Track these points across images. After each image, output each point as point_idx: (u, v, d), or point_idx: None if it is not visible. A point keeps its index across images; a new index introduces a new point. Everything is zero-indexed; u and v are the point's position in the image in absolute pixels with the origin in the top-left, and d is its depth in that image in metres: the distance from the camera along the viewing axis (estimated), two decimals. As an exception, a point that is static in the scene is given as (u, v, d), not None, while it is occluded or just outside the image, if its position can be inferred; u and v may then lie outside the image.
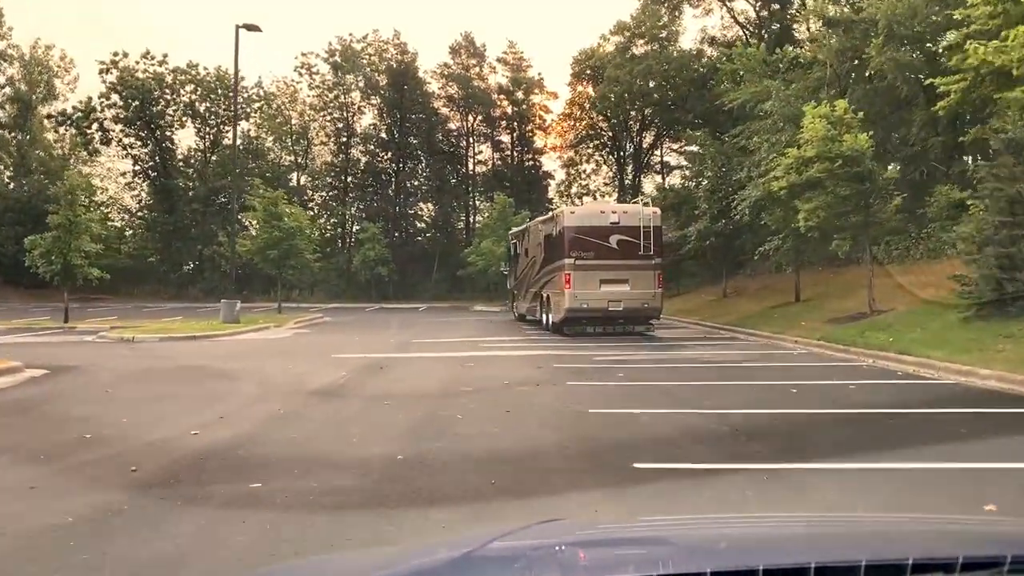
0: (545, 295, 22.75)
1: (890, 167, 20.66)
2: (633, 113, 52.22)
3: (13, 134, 53.48)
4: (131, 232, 53.83)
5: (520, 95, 54.08)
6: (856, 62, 29.40)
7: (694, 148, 36.72)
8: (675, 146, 56.95)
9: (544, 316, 23.06)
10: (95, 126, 48.79)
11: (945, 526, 2.33)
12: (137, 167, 51.39)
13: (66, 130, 50.51)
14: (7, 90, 52.89)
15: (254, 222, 33.00)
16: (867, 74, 29.10)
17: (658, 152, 56.79)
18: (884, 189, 19.07)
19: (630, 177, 55.75)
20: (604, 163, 58.22)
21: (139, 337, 21.05)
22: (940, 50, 19.86)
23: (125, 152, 51.22)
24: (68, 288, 28.48)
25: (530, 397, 10.61)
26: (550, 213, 24.65)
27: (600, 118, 55.86)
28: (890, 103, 27.85)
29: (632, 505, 5.69)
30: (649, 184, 56.96)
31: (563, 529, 2.25)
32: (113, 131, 50.07)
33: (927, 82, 19.40)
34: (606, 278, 20.28)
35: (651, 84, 43.71)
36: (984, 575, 1.52)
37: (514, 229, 32.30)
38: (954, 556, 1.54)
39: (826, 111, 19.11)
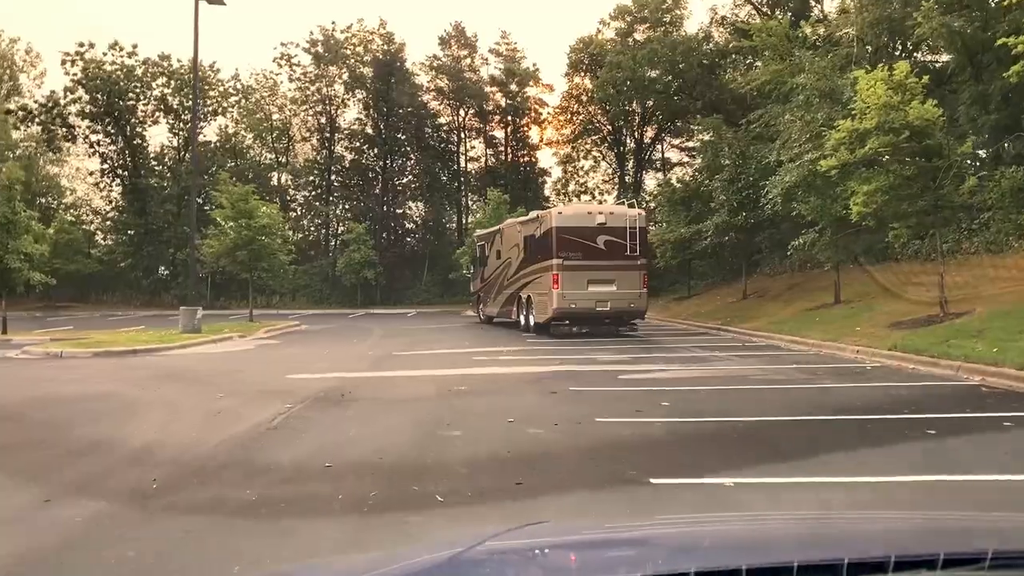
0: (525, 296, 22.74)
1: (968, 141, 17.44)
2: (634, 105, 49.06)
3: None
4: (101, 236, 50.43)
5: (514, 87, 50.92)
6: (889, 36, 26.38)
7: (706, 136, 33.55)
8: (676, 141, 54.15)
9: (523, 317, 23.04)
10: (59, 121, 45.32)
11: (927, 523, 2.30)
12: (105, 166, 48.01)
13: (27, 127, 47.05)
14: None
15: (222, 220, 29.72)
16: (906, 46, 26.06)
17: (659, 149, 53.81)
18: (958, 167, 15.91)
19: (631, 173, 52.59)
20: (603, 159, 55.11)
21: (69, 352, 17.78)
22: (1005, 4, 16.66)
23: (92, 150, 47.84)
24: (5, 294, 25.03)
25: (552, 457, 6.94)
26: (533, 214, 24.15)
27: (599, 111, 52.70)
28: (932, 79, 24.76)
29: None
30: (652, 181, 54.00)
31: (551, 531, 2.30)
32: (79, 127, 46.69)
33: (999, 42, 16.23)
34: (593, 278, 20.44)
35: (655, 72, 40.48)
36: (966, 571, 1.52)
37: (480, 232, 31.52)
38: (936, 552, 1.55)
39: (883, 75, 15.95)
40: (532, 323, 22.26)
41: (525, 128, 53.08)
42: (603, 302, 20.70)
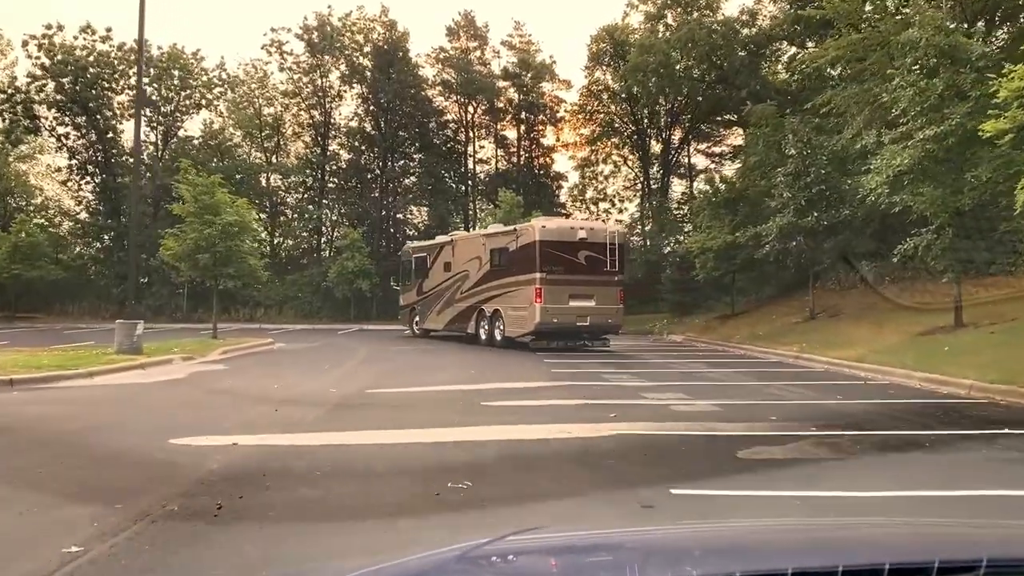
0: (490, 309, 22.51)
1: None
2: (663, 101, 44.21)
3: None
4: (71, 239, 45.58)
5: (528, 79, 46.03)
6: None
7: (761, 130, 28.55)
8: (702, 146, 49.29)
9: (483, 331, 22.91)
10: (20, 111, 40.51)
11: (922, 530, 2.29)
12: (74, 162, 43.18)
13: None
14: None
15: (182, 216, 24.87)
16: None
17: (686, 154, 48.88)
18: None
19: (657, 178, 47.63)
20: (624, 163, 50.18)
21: (-78, 381, 12.82)
22: None
23: (60, 144, 43.04)
24: None
25: None
26: (494, 227, 24.67)
27: (621, 111, 47.85)
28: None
29: None
30: (679, 187, 49.05)
31: (538, 538, 2.24)
32: (45, 118, 41.91)
33: None
34: (574, 293, 20.59)
35: (690, 58, 35.52)
36: None
37: (415, 244, 30.84)
38: (931, 560, 1.53)
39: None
40: (500, 337, 22.09)
41: (540, 127, 48.19)
42: (583, 317, 20.89)
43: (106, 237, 43.39)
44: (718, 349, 23.01)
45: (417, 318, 27.80)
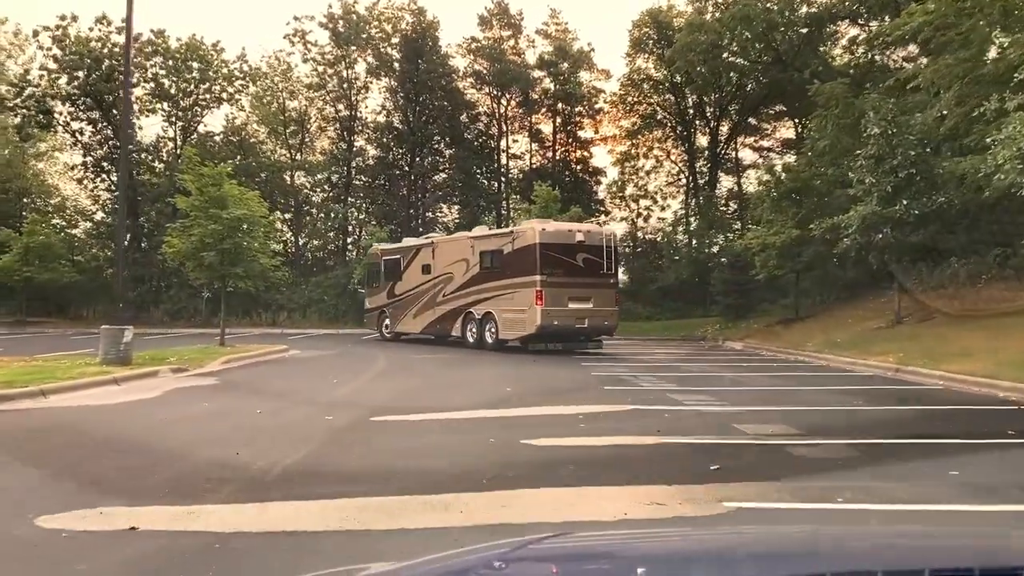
0: (480, 312, 22.40)
1: None
2: (710, 93, 41.24)
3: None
4: (85, 240, 43.61)
5: (565, 68, 43.20)
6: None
7: (830, 110, 25.47)
8: (749, 140, 46.16)
9: (471, 334, 22.77)
10: (32, 106, 38.52)
11: (915, 539, 2.24)
12: (89, 158, 41.16)
13: (2, 115, 40.43)
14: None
15: (186, 210, 22.49)
16: None
17: (733, 148, 45.72)
18: None
19: (704, 172, 44.59)
20: (667, 157, 47.16)
21: None
22: None
23: (74, 140, 41.08)
24: None
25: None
26: (506, 230, 24.22)
27: (665, 101, 44.91)
28: None
29: None
30: (727, 182, 45.92)
31: (576, 541, 2.24)
32: (60, 113, 39.90)
33: None
34: (573, 295, 20.72)
35: (743, 38, 32.43)
36: None
37: (384, 246, 29.95)
38: (922, 568, 1.53)
39: None
40: (492, 340, 22.07)
41: (577, 120, 45.31)
42: (581, 319, 20.98)
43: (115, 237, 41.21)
44: (790, 359, 20.02)
45: (387, 321, 27.27)
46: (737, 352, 23.44)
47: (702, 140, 45.88)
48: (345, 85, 43.03)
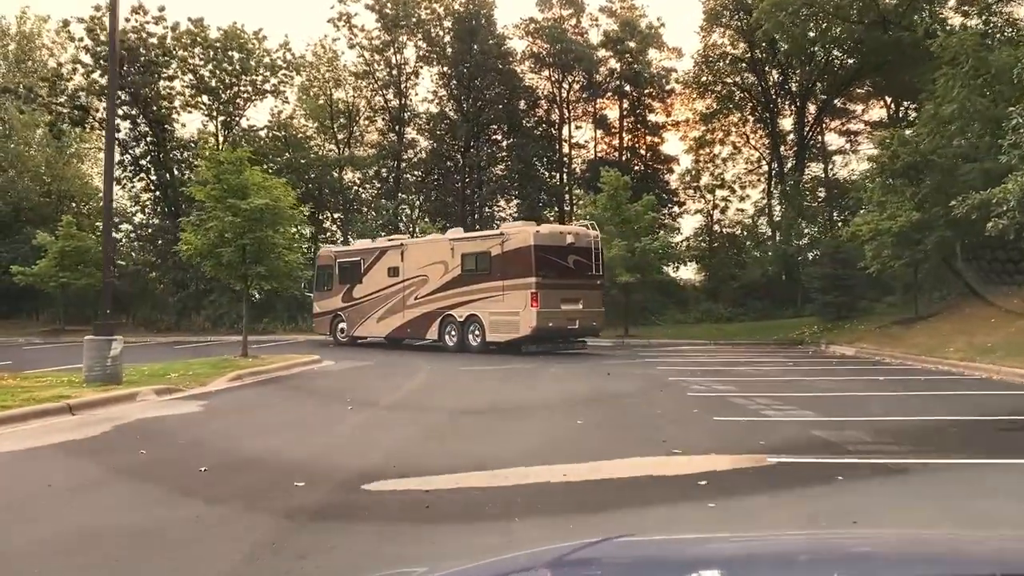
0: (465, 314, 22.12)
1: None
2: (796, 64, 37.02)
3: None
4: (127, 243, 41.48)
5: (632, 46, 39.39)
6: None
7: (958, 68, 21.23)
8: (834, 124, 41.64)
9: (451, 337, 22.55)
10: (65, 102, 36.38)
11: (933, 545, 2.16)
12: (126, 157, 38.90)
13: (33, 111, 38.46)
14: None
15: (204, 200, 19.59)
16: None
17: (817, 132, 41.26)
18: None
19: (791, 156, 40.25)
20: (746, 142, 42.94)
21: None
22: None
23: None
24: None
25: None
26: (495, 232, 23.69)
27: (744, 81, 40.76)
28: None
29: None
30: (814, 168, 41.44)
31: (636, 545, 2.18)
32: (96, 110, 37.70)
33: None
34: (565, 297, 20.87)
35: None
36: None
37: (336, 248, 29.37)
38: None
39: None
40: (476, 343, 21.84)
41: (646, 103, 41.37)
42: (572, 320, 21.09)
43: (160, 241, 38.92)
44: (931, 368, 16.02)
45: (343, 325, 26.53)
46: (853, 360, 19.42)
47: (785, 123, 41.60)
48: (394, 72, 39.97)
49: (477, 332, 21.84)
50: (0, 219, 38.73)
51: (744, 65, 40.22)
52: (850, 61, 37.56)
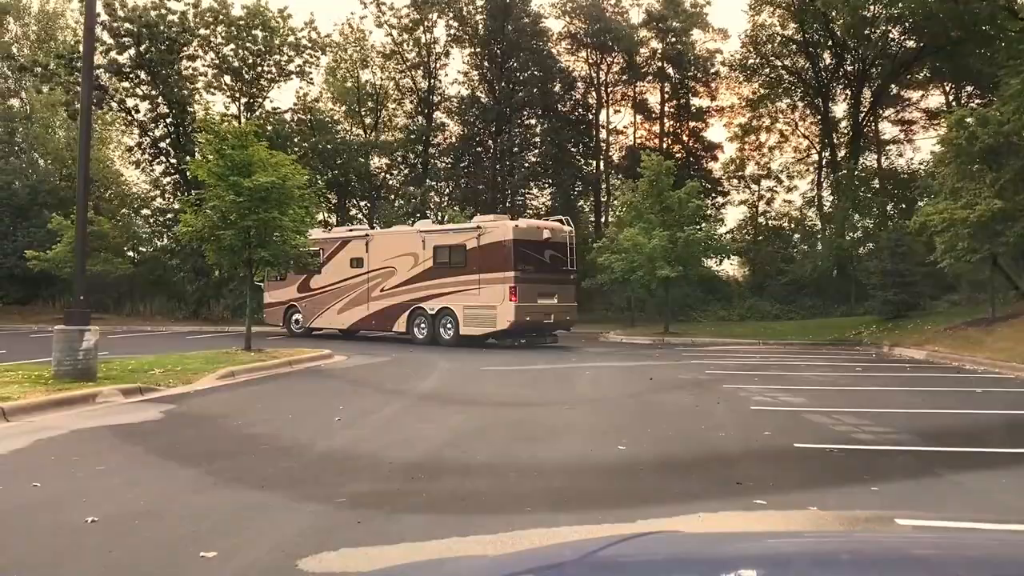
0: (436, 307, 21.87)
1: None
2: (851, 46, 34.48)
3: (7, 103, 41.26)
4: (147, 229, 40.15)
5: (676, 25, 37.09)
6: None
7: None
8: (888, 113, 38.97)
9: (420, 329, 22.25)
10: (78, 79, 34.87)
11: (942, 550, 1.99)
12: (146, 139, 37.45)
13: (51, 90, 37.10)
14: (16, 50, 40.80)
15: (206, 179, 17.87)
16: None
17: (870, 120, 38.60)
18: None
19: (845, 143, 37.73)
20: (794, 130, 40.49)
21: None
22: None
23: (128, 119, 37.43)
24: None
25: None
26: (471, 224, 22.57)
27: (794, 64, 38.32)
28: None
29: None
30: (867, 159, 38.80)
31: (671, 541, 2.20)
32: (116, 90, 36.22)
33: None
34: (542, 291, 20.91)
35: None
36: None
37: None
38: None
39: None
40: (448, 336, 21.61)
41: (690, 84, 39.02)
42: (548, 314, 21.20)
43: (177, 226, 37.43)
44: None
45: (298, 316, 25.85)
46: (927, 366, 17.12)
47: (837, 110, 39.07)
48: (423, 52, 38.07)
49: (450, 325, 21.60)
50: (17, 202, 37.43)
51: (795, 47, 37.78)
52: (909, 43, 35.11)
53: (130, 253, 39.48)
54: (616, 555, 1.76)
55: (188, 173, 31.69)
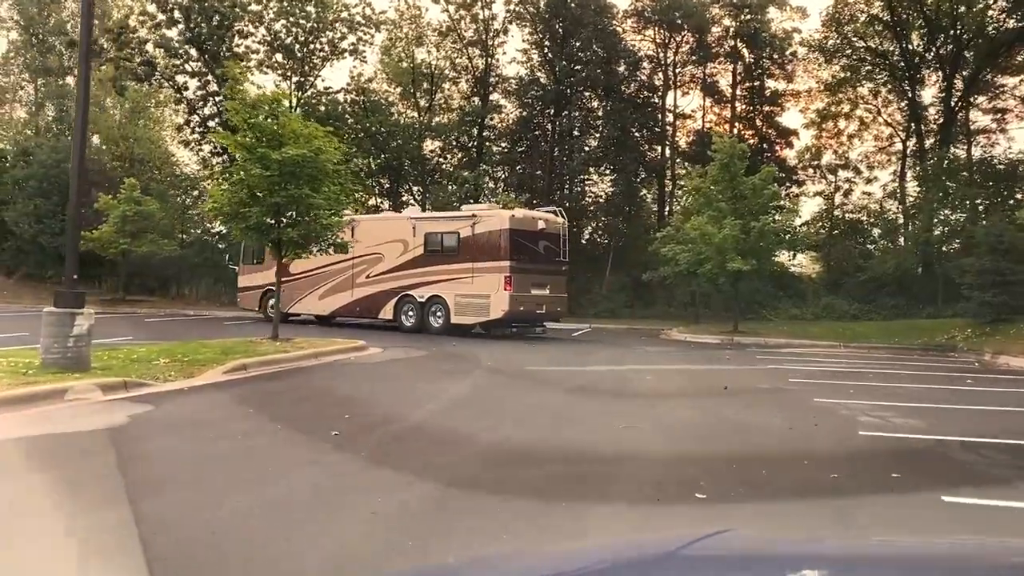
0: (426, 295, 21.63)
1: None
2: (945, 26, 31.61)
3: (60, 81, 40.70)
4: (196, 212, 39.27)
5: (751, 0, 34.56)
6: None
7: None
8: (979, 101, 35.75)
9: (408, 317, 21.94)
10: (132, 56, 33.91)
11: (956, 561, 1.94)
12: (195, 117, 36.47)
13: (101, 68, 36.27)
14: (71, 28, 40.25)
15: (233, 150, 16.42)
16: None
17: (961, 108, 35.47)
18: None
19: (935, 130, 34.77)
20: (877, 116, 37.63)
21: None
22: None
23: (177, 96, 36.45)
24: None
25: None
26: (466, 212, 22.15)
27: (880, 46, 35.49)
28: None
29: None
30: (956, 150, 35.73)
31: (742, 541, 2.16)
32: (166, 67, 35.20)
33: None
34: (535, 282, 20.93)
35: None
36: None
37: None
38: None
39: None
40: (438, 324, 21.30)
41: (765, 69, 36.45)
42: (540, 304, 21.15)
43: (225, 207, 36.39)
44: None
45: (274, 301, 23.62)
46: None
47: (925, 96, 36.08)
48: (480, 29, 36.25)
49: (440, 313, 21.37)
50: (66, 181, 36.69)
51: (881, 27, 34.95)
52: (1010, 22, 32.11)
53: (181, 235, 38.59)
54: (691, 553, 1.74)
55: (215, 144, 30.65)
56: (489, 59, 36.40)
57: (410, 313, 21.96)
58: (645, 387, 11.90)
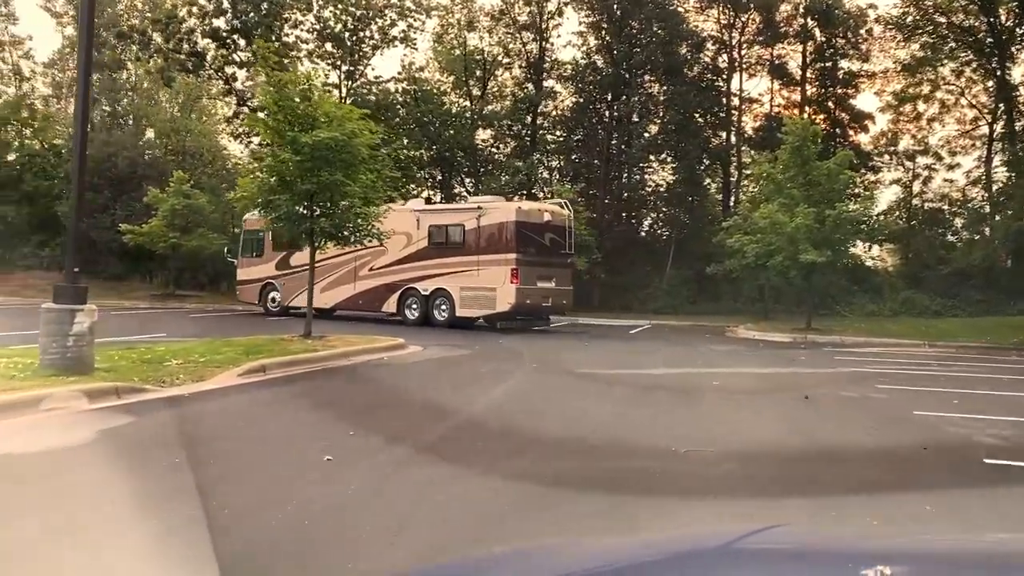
0: (431, 288, 21.44)
1: None
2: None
3: (114, 75, 40.51)
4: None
5: (824, -24, 32.45)
6: None
7: None
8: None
9: (412, 311, 21.75)
10: (181, 47, 33.35)
11: (971, 556, 1.87)
12: (244, 109, 35.84)
13: (150, 59, 35.82)
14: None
15: (263, 134, 15.44)
16: None
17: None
18: None
19: (1021, 116, 32.21)
20: (960, 97, 35.07)
21: None
22: None
23: (226, 88, 35.88)
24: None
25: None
26: (471, 205, 22.50)
27: (963, 22, 33.00)
28: None
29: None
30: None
31: (796, 535, 2.15)
32: (213, 58, 34.59)
33: None
34: (541, 274, 20.73)
35: None
36: None
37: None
38: None
39: None
40: (443, 317, 21.13)
41: (839, 45, 34.20)
42: (546, 297, 20.99)
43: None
44: None
45: (275, 295, 24.99)
46: None
47: (1014, 75, 33.45)
48: (534, 10, 34.79)
49: (445, 307, 21.24)
50: (117, 174, 36.48)
51: (966, 1, 32.45)
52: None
53: (234, 230, 38.08)
54: (745, 547, 1.73)
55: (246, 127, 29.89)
56: (543, 43, 34.97)
57: (414, 307, 21.81)
58: (712, 397, 10.39)
